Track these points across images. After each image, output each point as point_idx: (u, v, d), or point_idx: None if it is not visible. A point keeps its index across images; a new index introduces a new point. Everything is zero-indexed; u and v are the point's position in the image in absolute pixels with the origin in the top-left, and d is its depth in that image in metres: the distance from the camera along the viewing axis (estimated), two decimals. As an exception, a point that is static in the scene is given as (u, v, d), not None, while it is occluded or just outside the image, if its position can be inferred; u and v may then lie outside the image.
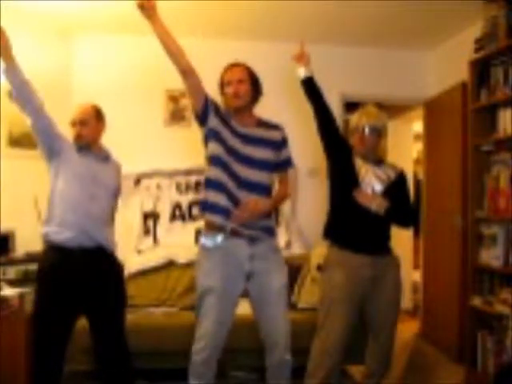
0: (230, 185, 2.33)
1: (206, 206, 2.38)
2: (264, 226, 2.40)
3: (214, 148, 2.36)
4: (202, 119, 2.39)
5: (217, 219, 2.33)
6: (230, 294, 2.34)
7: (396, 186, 2.63)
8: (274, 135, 2.49)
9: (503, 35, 3.16)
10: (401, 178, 2.69)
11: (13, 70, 2.35)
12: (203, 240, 2.38)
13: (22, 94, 2.37)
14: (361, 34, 4.27)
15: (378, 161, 2.68)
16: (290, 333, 2.41)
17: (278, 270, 2.41)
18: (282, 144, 2.52)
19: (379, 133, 2.61)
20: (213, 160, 2.37)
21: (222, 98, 2.48)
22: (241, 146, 2.38)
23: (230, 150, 2.35)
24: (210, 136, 2.38)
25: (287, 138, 2.56)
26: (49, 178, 2.56)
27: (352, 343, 2.64)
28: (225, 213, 2.32)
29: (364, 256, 2.54)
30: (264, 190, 2.42)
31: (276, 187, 2.57)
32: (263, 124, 2.51)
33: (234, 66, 2.46)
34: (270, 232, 2.45)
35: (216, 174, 2.34)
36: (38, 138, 2.48)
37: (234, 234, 2.32)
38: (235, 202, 2.32)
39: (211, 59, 4.44)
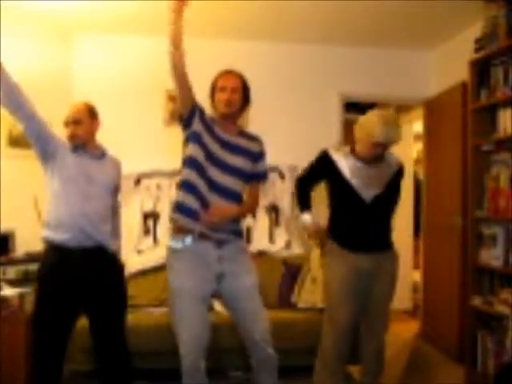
0: (203, 188, 2.35)
1: (176, 207, 2.39)
2: (232, 230, 2.43)
3: (193, 150, 2.37)
4: (186, 123, 2.40)
5: (186, 221, 2.34)
6: (201, 294, 2.34)
7: (391, 187, 2.65)
8: (253, 146, 2.51)
9: (503, 35, 3.16)
10: (397, 176, 2.69)
11: (0, 76, 2.30)
12: (171, 242, 2.40)
13: (12, 99, 2.33)
14: (361, 34, 4.27)
15: (379, 158, 2.65)
16: (268, 329, 2.42)
17: (248, 270, 2.44)
18: (259, 156, 2.53)
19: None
20: (190, 162, 2.38)
21: (212, 101, 2.48)
22: (220, 152, 2.39)
23: (209, 155, 2.37)
24: (192, 139, 2.39)
25: (265, 151, 2.57)
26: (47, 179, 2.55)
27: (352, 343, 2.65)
28: (194, 215, 2.33)
29: (363, 253, 2.59)
30: (235, 196, 2.43)
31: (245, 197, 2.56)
32: (244, 134, 2.53)
33: (229, 73, 2.47)
34: (238, 234, 2.48)
35: (190, 176, 2.36)
36: (31, 141, 2.46)
37: (202, 236, 2.34)
38: (205, 204, 2.34)
39: (211, 59, 4.45)
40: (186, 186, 2.37)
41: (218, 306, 3.10)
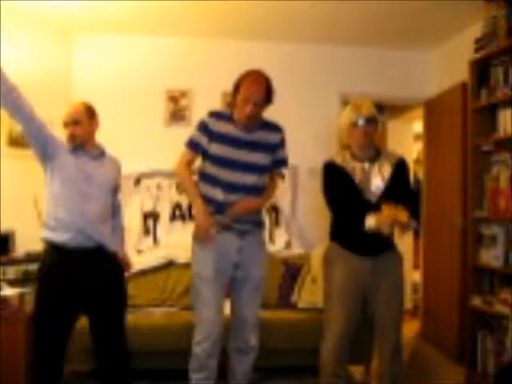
0: (221, 195, 2.45)
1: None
2: (254, 220, 2.54)
3: (204, 165, 2.51)
4: None
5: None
6: (221, 283, 2.49)
7: (395, 180, 2.59)
8: (271, 137, 2.56)
9: (503, 35, 3.16)
10: (399, 168, 2.64)
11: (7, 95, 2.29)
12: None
13: (10, 101, 2.31)
14: (361, 34, 4.27)
15: (376, 153, 2.64)
16: (258, 321, 2.58)
17: (260, 264, 2.58)
18: (278, 145, 2.60)
19: (377, 122, 2.60)
20: (202, 176, 2.53)
21: (233, 101, 2.48)
22: (237, 153, 2.46)
23: (223, 161, 2.45)
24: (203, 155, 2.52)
25: (285, 139, 2.63)
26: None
27: (352, 343, 2.63)
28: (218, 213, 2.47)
29: (365, 256, 2.56)
30: (258, 192, 2.53)
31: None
32: (263, 126, 2.55)
33: (255, 80, 2.42)
34: (259, 225, 2.61)
35: (207, 190, 2.50)
36: (30, 142, 2.46)
37: (226, 227, 2.46)
38: (226, 207, 2.45)
39: (211, 59, 4.45)
40: (205, 198, 2.49)
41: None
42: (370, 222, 2.45)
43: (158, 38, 4.35)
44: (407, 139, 5.76)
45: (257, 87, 2.40)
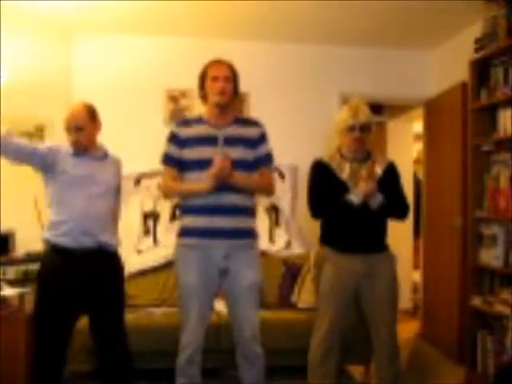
0: (208, 200, 2.36)
1: (184, 231, 2.46)
2: (243, 230, 2.43)
3: (188, 176, 2.45)
4: None
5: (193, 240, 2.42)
6: (206, 291, 2.41)
7: (385, 181, 2.61)
8: (249, 132, 2.47)
9: (503, 35, 3.16)
10: (389, 171, 2.67)
11: (5, 148, 2.40)
12: (178, 238, 2.48)
13: (17, 158, 2.46)
14: (361, 34, 4.27)
15: (366, 155, 2.66)
16: (257, 328, 2.46)
17: (250, 267, 2.44)
18: (259, 140, 2.48)
19: (371, 127, 2.63)
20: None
21: (202, 92, 2.47)
22: (211, 151, 2.36)
23: (202, 163, 2.36)
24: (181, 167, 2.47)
25: (266, 134, 2.53)
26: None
27: (352, 343, 2.64)
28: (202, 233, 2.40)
29: (356, 254, 2.57)
30: (245, 190, 2.43)
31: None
32: (240, 121, 2.50)
33: (219, 62, 2.46)
34: (248, 235, 2.48)
35: (194, 200, 2.40)
36: (29, 165, 2.52)
37: (210, 234, 2.37)
38: (213, 210, 2.37)
39: (211, 59, 4.45)
40: (187, 209, 2.43)
41: (218, 305, 3.10)
42: (352, 197, 2.49)
43: (158, 37, 4.35)
44: (407, 139, 5.76)
45: (222, 65, 2.43)
